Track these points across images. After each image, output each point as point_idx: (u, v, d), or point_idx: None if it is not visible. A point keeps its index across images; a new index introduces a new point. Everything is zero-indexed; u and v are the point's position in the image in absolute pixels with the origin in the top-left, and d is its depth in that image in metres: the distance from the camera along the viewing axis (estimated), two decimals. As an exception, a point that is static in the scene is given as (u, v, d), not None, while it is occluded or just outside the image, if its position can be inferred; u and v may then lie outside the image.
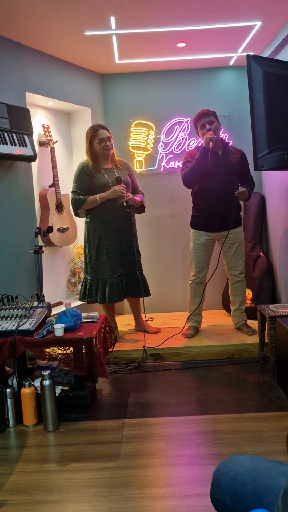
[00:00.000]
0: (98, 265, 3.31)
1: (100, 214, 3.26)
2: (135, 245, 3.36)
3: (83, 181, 3.26)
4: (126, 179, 3.31)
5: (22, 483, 1.91)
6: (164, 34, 3.18)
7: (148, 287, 3.46)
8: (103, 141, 3.22)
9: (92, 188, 3.25)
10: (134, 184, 3.46)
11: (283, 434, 2.17)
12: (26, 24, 2.87)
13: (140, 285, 3.37)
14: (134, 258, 3.34)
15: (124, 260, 3.32)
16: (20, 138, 3.02)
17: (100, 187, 3.23)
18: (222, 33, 3.22)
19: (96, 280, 3.32)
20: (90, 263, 3.35)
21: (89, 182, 3.26)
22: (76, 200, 3.24)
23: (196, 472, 1.92)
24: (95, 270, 3.32)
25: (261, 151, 2.45)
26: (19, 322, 2.52)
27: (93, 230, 3.31)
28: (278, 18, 2.99)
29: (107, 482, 1.88)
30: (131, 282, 3.37)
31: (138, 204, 3.34)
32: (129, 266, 3.34)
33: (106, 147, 3.24)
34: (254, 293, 3.87)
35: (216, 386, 2.80)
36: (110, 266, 3.26)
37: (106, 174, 3.28)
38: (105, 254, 3.27)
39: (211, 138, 3.15)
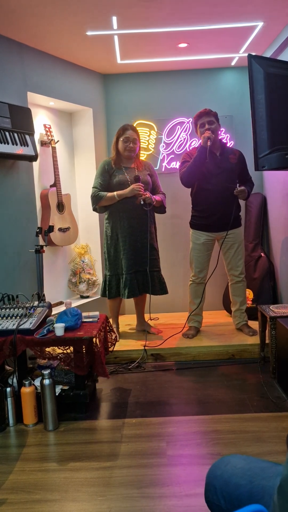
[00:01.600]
0: (117, 261, 3.36)
1: (117, 212, 3.31)
2: (153, 243, 3.39)
3: (104, 177, 3.31)
4: (145, 179, 3.35)
5: (22, 482, 1.91)
6: (166, 35, 3.19)
7: (165, 285, 3.47)
8: (128, 141, 3.27)
9: (111, 185, 3.30)
10: (155, 184, 3.49)
11: (283, 434, 2.17)
12: (28, 24, 2.88)
13: (156, 283, 3.40)
14: (151, 256, 3.37)
15: (139, 257, 3.34)
16: (22, 138, 3.02)
17: (119, 184, 3.27)
18: (224, 34, 3.22)
19: (116, 275, 3.38)
20: (108, 259, 3.41)
21: (109, 179, 3.31)
22: (95, 196, 3.29)
23: (195, 472, 1.92)
24: (113, 266, 3.38)
25: (262, 151, 2.45)
26: (19, 321, 2.52)
27: (110, 227, 3.36)
28: (280, 19, 2.99)
29: (106, 482, 1.88)
30: (145, 279, 3.39)
31: (158, 203, 3.37)
32: (144, 264, 3.36)
33: (128, 148, 3.28)
34: (255, 294, 3.87)
35: (216, 386, 2.80)
36: (125, 263, 3.30)
37: (126, 172, 3.32)
38: (121, 250, 3.32)
39: (209, 137, 3.15)
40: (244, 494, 1.05)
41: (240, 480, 1.07)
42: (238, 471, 1.09)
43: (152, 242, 3.40)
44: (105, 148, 4.19)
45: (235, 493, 1.06)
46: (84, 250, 4.04)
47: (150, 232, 3.37)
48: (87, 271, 3.98)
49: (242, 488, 1.06)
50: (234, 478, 1.08)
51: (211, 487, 1.12)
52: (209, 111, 3.25)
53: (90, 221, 4.10)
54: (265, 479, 1.04)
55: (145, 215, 3.32)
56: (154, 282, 3.39)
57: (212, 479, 1.13)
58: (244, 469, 1.10)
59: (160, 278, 3.45)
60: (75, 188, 4.14)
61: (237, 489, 1.06)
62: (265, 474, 1.06)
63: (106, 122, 4.17)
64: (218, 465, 1.15)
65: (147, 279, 3.38)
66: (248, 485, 1.05)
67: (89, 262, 4.03)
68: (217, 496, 1.10)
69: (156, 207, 3.40)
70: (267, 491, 1.01)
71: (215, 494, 1.10)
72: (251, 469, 1.09)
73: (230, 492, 1.07)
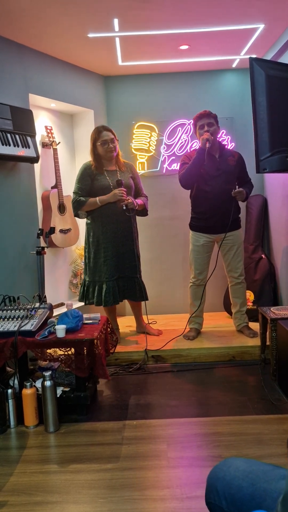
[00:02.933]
0: (96, 267, 3.31)
1: (100, 217, 3.26)
2: (135, 249, 3.34)
3: (85, 182, 3.26)
4: (128, 182, 3.30)
5: (23, 484, 1.91)
6: (167, 37, 3.19)
7: (145, 292, 3.42)
8: (106, 143, 3.21)
9: (93, 190, 3.25)
10: (138, 187, 3.44)
11: (284, 436, 2.17)
12: (30, 26, 2.88)
13: (136, 289, 3.35)
14: (133, 262, 3.33)
15: (122, 263, 3.31)
16: (23, 139, 3.03)
17: (102, 189, 3.23)
18: (225, 36, 3.22)
19: (94, 282, 3.33)
20: (88, 264, 3.36)
21: (90, 184, 3.26)
22: (76, 201, 3.24)
23: (196, 474, 1.92)
24: (92, 272, 3.33)
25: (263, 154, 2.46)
26: (20, 323, 2.52)
27: (92, 232, 3.32)
28: (281, 21, 2.99)
29: (107, 484, 1.88)
30: (128, 285, 3.35)
31: (140, 207, 3.34)
32: (127, 270, 3.32)
33: (108, 149, 3.23)
34: (255, 295, 3.87)
35: (217, 388, 2.80)
36: (107, 269, 3.25)
37: (108, 176, 3.27)
38: (102, 257, 3.27)
39: (207, 139, 3.15)
40: (246, 496, 1.05)
41: (242, 482, 1.07)
42: (240, 474, 1.09)
43: (136, 248, 3.35)
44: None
45: (237, 495, 1.06)
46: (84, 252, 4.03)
47: (133, 238, 3.33)
48: (88, 273, 3.98)
49: (244, 490, 1.06)
50: (236, 480, 1.08)
51: (213, 489, 1.12)
52: (209, 113, 3.26)
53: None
54: (267, 482, 1.04)
55: (128, 221, 3.28)
56: (135, 289, 3.36)
57: (214, 481, 1.13)
58: (246, 471, 1.10)
59: (141, 284, 3.39)
60: (76, 189, 4.14)
61: (239, 491, 1.07)
62: (267, 477, 1.06)
63: (107, 123, 4.17)
64: (220, 467, 1.15)
65: (130, 285, 3.34)
66: (250, 488, 1.06)
67: (90, 264, 4.02)
68: (219, 497, 1.10)
69: (138, 210, 3.37)
70: (269, 494, 1.02)
71: (217, 496, 1.10)
72: (253, 471, 1.09)
73: (232, 494, 1.07)
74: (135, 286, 3.35)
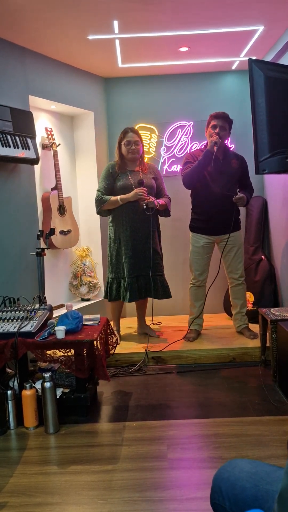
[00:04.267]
0: (119, 265, 3.37)
1: (120, 215, 3.32)
2: (155, 247, 3.39)
3: (108, 181, 3.33)
4: (149, 182, 3.35)
5: (22, 485, 1.91)
6: (167, 39, 3.20)
7: (168, 289, 3.46)
8: (130, 144, 3.28)
9: (115, 189, 3.31)
10: (160, 187, 3.48)
11: (285, 438, 2.16)
12: (30, 28, 2.89)
13: (159, 287, 3.39)
14: (154, 261, 3.37)
15: (142, 261, 3.34)
16: (23, 141, 3.03)
17: (123, 188, 3.28)
18: (225, 38, 3.23)
19: (117, 278, 3.39)
20: (111, 262, 3.42)
21: (113, 183, 3.32)
22: (99, 199, 3.31)
23: (196, 476, 1.91)
24: (116, 269, 3.39)
25: (263, 155, 2.46)
26: (20, 324, 2.52)
27: (114, 231, 3.38)
28: (281, 23, 3.00)
29: (107, 485, 1.88)
30: (148, 283, 3.38)
31: (162, 207, 3.38)
32: (147, 268, 3.36)
33: (131, 150, 3.29)
34: (256, 297, 3.86)
35: (217, 390, 2.79)
36: (127, 267, 3.31)
37: (130, 176, 3.33)
38: (123, 254, 3.33)
39: (215, 142, 3.15)
40: (249, 497, 1.06)
41: (245, 483, 1.08)
42: (244, 475, 1.10)
43: (155, 246, 3.40)
44: (106, 151, 4.20)
45: (240, 496, 1.07)
46: (85, 253, 4.04)
47: (153, 237, 3.37)
48: (88, 274, 3.98)
49: (247, 491, 1.07)
50: (240, 481, 1.09)
51: (217, 489, 1.13)
52: (227, 116, 3.23)
53: (91, 224, 4.11)
54: (270, 483, 1.05)
55: (148, 219, 3.32)
56: (157, 286, 3.39)
57: (219, 481, 1.14)
58: (250, 472, 1.10)
59: (163, 282, 3.45)
60: (76, 191, 4.15)
61: (242, 492, 1.07)
62: (270, 478, 1.07)
63: (107, 125, 4.18)
64: (226, 468, 1.16)
65: (149, 283, 3.38)
66: (253, 489, 1.06)
67: (90, 265, 4.03)
68: (222, 498, 1.11)
69: (160, 210, 3.41)
70: (271, 495, 1.02)
71: (220, 496, 1.12)
72: (257, 473, 1.10)
73: (235, 494, 1.08)
74: (157, 283, 3.39)
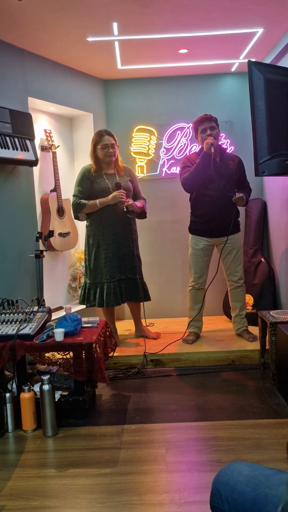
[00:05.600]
0: (97, 269, 3.32)
1: (99, 219, 3.28)
2: (135, 250, 3.36)
3: (84, 185, 3.28)
4: (126, 185, 3.32)
5: (20, 489, 1.90)
6: (166, 40, 3.20)
7: (148, 292, 3.46)
8: (106, 147, 3.25)
9: (93, 193, 3.27)
10: (136, 190, 3.47)
11: (284, 441, 2.16)
12: (29, 30, 2.89)
13: (140, 290, 3.36)
14: (133, 264, 3.34)
15: (123, 265, 3.32)
16: (22, 143, 3.03)
17: (101, 191, 3.25)
18: (224, 40, 3.23)
19: (95, 284, 3.34)
20: (89, 267, 3.37)
21: (90, 186, 3.28)
22: (76, 204, 3.26)
23: (195, 479, 1.90)
24: (93, 274, 3.34)
25: (262, 157, 2.46)
26: (19, 327, 2.51)
27: (92, 235, 3.34)
28: (280, 25, 3.00)
29: (105, 488, 1.87)
30: (130, 287, 3.36)
31: (139, 210, 3.35)
32: (128, 271, 3.34)
33: (108, 154, 3.26)
34: (255, 299, 3.86)
35: (216, 393, 2.79)
36: (108, 271, 3.27)
37: (107, 179, 3.29)
38: (103, 258, 3.28)
39: (212, 143, 3.15)
40: (248, 501, 1.05)
41: (244, 487, 1.08)
42: (243, 478, 1.10)
43: (136, 250, 3.38)
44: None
45: (239, 499, 1.07)
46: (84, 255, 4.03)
47: (134, 240, 3.36)
48: (87, 276, 3.97)
49: (246, 495, 1.06)
50: (239, 485, 1.09)
51: (217, 492, 1.13)
52: (210, 117, 3.26)
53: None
54: (269, 487, 1.05)
55: (128, 222, 3.30)
56: (138, 290, 3.37)
57: (218, 485, 1.14)
58: (249, 476, 1.10)
59: (144, 285, 3.43)
60: (75, 193, 4.14)
61: (241, 496, 1.07)
62: (269, 482, 1.06)
63: (107, 127, 4.17)
64: (225, 471, 1.16)
65: (132, 286, 3.35)
66: (252, 493, 1.06)
67: (89, 267, 4.02)
68: (222, 501, 1.11)
69: (137, 213, 3.38)
70: (270, 499, 1.02)
71: (220, 500, 1.11)
72: (256, 476, 1.09)
73: (235, 498, 1.08)
74: (137, 287, 3.37)
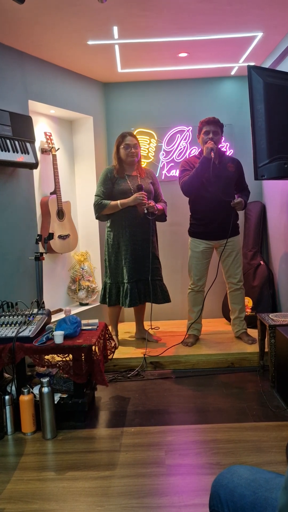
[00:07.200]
0: (117, 270, 3.37)
1: (120, 220, 3.31)
2: (154, 251, 3.40)
3: (106, 185, 3.32)
4: (148, 187, 3.36)
5: (19, 491, 1.90)
6: (166, 44, 3.21)
7: (167, 294, 3.46)
8: (129, 147, 3.29)
9: (114, 193, 3.31)
10: (157, 192, 3.49)
11: (283, 444, 2.16)
12: (30, 33, 2.90)
13: (158, 291, 3.39)
14: (153, 265, 3.37)
15: (141, 266, 3.34)
16: (22, 146, 3.04)
17: (122, 193, 3.28)
18: (224, 44, 3.25)
19: (116, 283, 3.38)
20: (109, 267, 3.41)
21: (111, 187, 3.31)
22: (98, 204, 3.29)
23: (194, 482, 1.90)
24: (114, 274, 3.38)
25: (262, 161, 2.47)
26: (18, 329, 2.51)
27: (112, 235, 3.37)
28: (279, 29, 3.02)
29: (105, 491, 1.87)
30: (147, 288, 3.38)
31: (159, 212, 3.38)
32: (147, 273, 3.36)
33: (130, 154, 3.30)
34: (254, 302, 3.86)
35: (215, 395, 2.79)
36: (126, 271, 3.30)
37: (129, 180, 3.33)
38: (122, 259, 3.32)
39: (212, 148, 3.16)
40: (248, 504, 1.05)
41: (244, 490, 1.08)
42: (243, 482, 1.10)
43: (154, 251, 3.41)
44: (105, 156, 4.20)
45: (239, 503, 1.07)
46: (83, 257, 4.04)
47: (152, 241, 3.38)
48: (87, 278, 3.98)
49: (246, 498, 1.06)
50: (239, 488, 1.09)
51: (216, 496, 1.13)
52: (218, 121, 3.27)
53: (90, 229, 4.11)
54: (269, 491, 1.04)
55: (147, 224, 3.33)
56: (156, 291, 3.39)
57: (218, 488, 1.14)
58: (249, 479, 1.10)
59: (162, 287, 3.45)
60: (75, 195, 4.15)
61: (241, 499, 1.07)
62: (269, 485, 1.06)
63: (106, 130, 4.19)
64: (225, 475, 1.16)
65: (148, 288, 3.38)
66: (251, 496, 1.05)
67: (88, 269, 4.03)
68: (221, 505, 1.10)
69: (157, 215, 3.41)
70: (269, 503, 1.02)
71: (219, 503, 1.11)
72: (256, 480, 1.09)
73: (234, 501, 1.08)
74: (156, 288, 3.39)
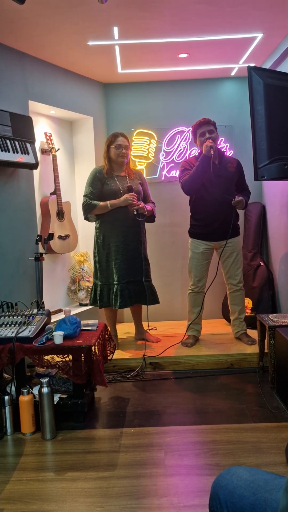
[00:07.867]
0: (108, 270, 3.35)
1: (110, 221, 3.30)
2: (144, 252, 3.39)
3: (95, 186, 3.30)
4: (137, 188, 3.35)
5: (19, 492, 1.90)
6: (166, 45, 3.22)
7: (156, 295, 3.46)
8: (120, 147, 3.28)
9: (103, 194, 3.29)
10: (146, 193, 3.49)
11: (282, 445, 2.16)
12: (30, 34, 2.90)
13: (149, 293, 3.38)
14: (142, 266, 3.36)
15: (131, 267, 3.33)
16: (23, 146, 3.04)
17: (111, 193, 3.27)
18: (224, 45, 3.25)
19: (107, 285, 3.36)
20: (100, 268, 3.39)
21: (101, 188, 3.30)
22: (87, 204, 3.27)
23: (194, 483, 1.90)
24: (105, 275, 3.36)
25: (262, 161, 2.47)
26: (18, 329, 2.51)
27: (102, 236, 3.35)
28: (279, 30, 3.02)
29: (104, 492, 1.87)
30: (138, 289, 3.37)
31: (149, 213, 3.37)
32: (137, 274, 3.35)
33: (121, 154, 3.29)
34: (254, 303, 3.86)
35: (215, 396, 2.79)
36: (116, 272, 3.29)
37: (118, 181, 3.32)
38: (113, 259, 3.31)
39: (211, 146, 3.17)
40: (247, 506, 1.05)
41: (244, 491, 1.08)
42: (243, 483, 1.10)
43: (144, 252, 3.40)
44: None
45: (238, 504, 1.07)
46: (83, 257, 4.04)
47: (143, 242, 3.37)
48: (87, 279, 3.98)
49: (245, 499, 1.06)
50: (239, 489, 1.09)
51: (216, 497, 1.13)
52: (209, 120, 3.28)
53: (90, 229, 4.09)
54: (268, 492, 1.04)
55: (137, 225, 3.32)
56: (147, 292, 3.38)
57: (217, 489, 1.14)
58: (249, 480, 1.10)
59: (152, 288, 3.44)
60: (75, 196, 4.15)
61: (240, 500, 1.07)
62: (268, 486, 1.06)
63: (107, 130, 4.19)
64: (224, 475, 1.16)
65: (140, 289, 3.37)
66: (251, 497, 1.05)
67: (88, 270, 4.03)
68: (221, 506, 1.10)
69: (147, 216, 3.40)
70: (269, 504, 1.01)
71: (219, 504, 1.11)
72: (255, 481, 1.09)
73: (234, 502, 1.08)
74: (145, 290, 3.38)
